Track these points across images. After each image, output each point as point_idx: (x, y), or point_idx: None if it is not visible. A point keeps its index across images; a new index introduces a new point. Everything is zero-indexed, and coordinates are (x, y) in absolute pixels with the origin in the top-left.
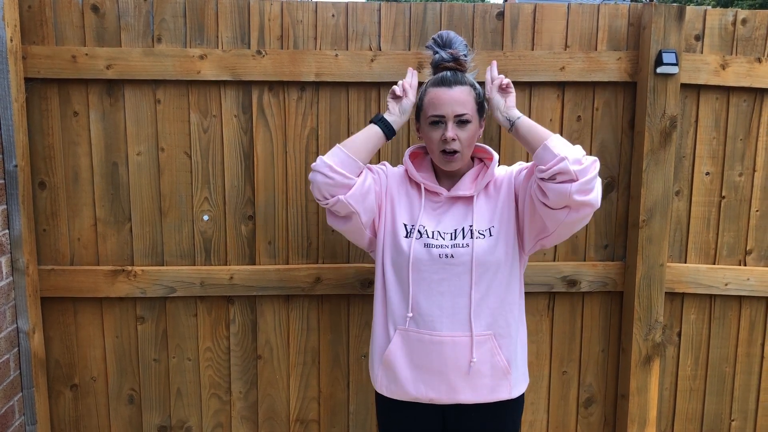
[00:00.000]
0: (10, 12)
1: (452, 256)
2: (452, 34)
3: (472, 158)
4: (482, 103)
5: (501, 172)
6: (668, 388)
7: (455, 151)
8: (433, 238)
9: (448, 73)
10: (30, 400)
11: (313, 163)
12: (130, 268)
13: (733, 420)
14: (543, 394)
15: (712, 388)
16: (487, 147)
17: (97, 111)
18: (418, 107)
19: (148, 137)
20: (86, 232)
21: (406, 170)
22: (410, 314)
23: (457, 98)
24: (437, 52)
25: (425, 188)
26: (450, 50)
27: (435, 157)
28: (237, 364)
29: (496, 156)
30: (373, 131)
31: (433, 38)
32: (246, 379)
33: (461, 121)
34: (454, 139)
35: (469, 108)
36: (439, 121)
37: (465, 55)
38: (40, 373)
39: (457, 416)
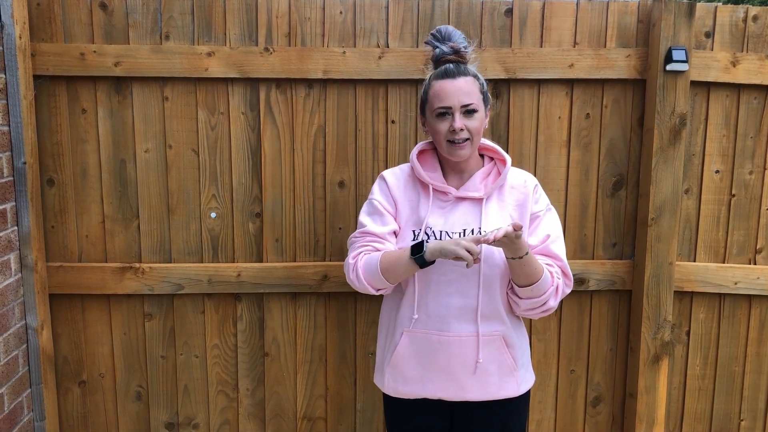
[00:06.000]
0: (19, 9)
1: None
2: (450, 28)
3: (482, 156)
4: (486, 93)
5: (519, 182)
6: (677, 387)
7: (465, 139)
8: (440, 239)
9: (451, 65)
10: (38, 396)
11: (350, 273)
12: (137, 265)
13: (742, 420)
14: (551, 392)
15: (721, 388)
16: (499, 149)
17: (105, 108)
18: (423, 101)
19: (156, 134)
20: (94, 229)
21: (413, 169)
22: (415, 316)
23: (462, 88)
24: (437, 47)
25: (433, 188)
26: (450, 43)
27: (442, 148)
28: (244, 361)
29: (509, 160)
30: (413, 266)
31: (432, 34)
32: (253, 376)
33: (468, 111)
34: (462, 129)
35: (474, 98)
36: (445, 112)
37: (465, 47)
38: (49, 370)
39: (465, 413)
